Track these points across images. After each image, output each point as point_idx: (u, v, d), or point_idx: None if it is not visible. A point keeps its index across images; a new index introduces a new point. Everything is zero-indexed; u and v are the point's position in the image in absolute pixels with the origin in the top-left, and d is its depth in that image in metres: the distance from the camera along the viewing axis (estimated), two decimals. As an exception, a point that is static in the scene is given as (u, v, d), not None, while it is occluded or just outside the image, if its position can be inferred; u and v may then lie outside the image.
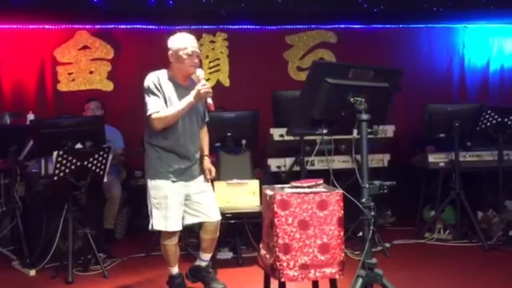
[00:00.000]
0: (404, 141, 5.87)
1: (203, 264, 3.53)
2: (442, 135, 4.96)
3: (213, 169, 3.50)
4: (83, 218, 4.15)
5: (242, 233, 4.58)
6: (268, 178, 4.85)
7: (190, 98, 3.19)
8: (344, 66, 2.62)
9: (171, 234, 3.32)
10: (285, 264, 2.53)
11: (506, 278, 3.78)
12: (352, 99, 2.59)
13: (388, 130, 4.96)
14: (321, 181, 2.75)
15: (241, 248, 4.45)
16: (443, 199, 4.99)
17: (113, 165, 5.09)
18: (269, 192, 2.65)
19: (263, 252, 2.78)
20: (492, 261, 4.27)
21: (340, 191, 2.62)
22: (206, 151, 3.51)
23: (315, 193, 2.58)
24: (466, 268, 4.09)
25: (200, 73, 3.27)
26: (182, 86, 3.32)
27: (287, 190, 2.63)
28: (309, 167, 4.67)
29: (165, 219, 3.26)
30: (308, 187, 2.65)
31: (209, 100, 3.23)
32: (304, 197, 2.56)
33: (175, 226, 3.29)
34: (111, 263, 4.34)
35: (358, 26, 6.44)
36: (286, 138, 4.69)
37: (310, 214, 2.55)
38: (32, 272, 4.11)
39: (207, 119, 3.55)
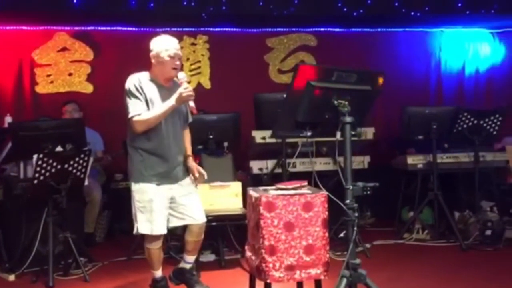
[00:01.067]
0: (384, 143, 5.96)
1: (187, 266, 3.53)
2: (420, 137, 5.06)
3: (200, 168, 3.44)
4: (64, 221, 4.11)
5: (225, 236, 4.59)
6: (250, 180, 4.86)
7: (172, 101, 3.18)
8: (327, 69, 2.66)
9: (155, 237, 3.30)
10: (271, 265, 2.55)
11: (482, 277, 3.87)
12: (336, 102, 2.63)
13: (368, 132, 5.02)
14: (305, 183, 2.79)
15: (224, 251, 4.46)
16: (422, 200, 5.07)
17: (93, 168, 5.05)
18: (254, 194, 2.67)
19: (248, 254, 2.80)
20: (469, 260, 4.37)
21: (325, 192, 2.66)
22: (189, 152, 3.49)
23: (300, 194, 2.61)
24: (444, 267, 4.17)
25: (182, 76, 3.26)
26: (164, 87, 3.31)
27: (272, 192, 2.66)
28: (290, 169, 4.69)
29: (150, 223, 3.24)
30: (293, 189, 2.68)
31: (191, 103, 3.23)
32: (289, 199, 2.58)
33: (160, 229, 3.27)
34: (92, 267, 4.30)
35: (338, 30, 6.52)
36: (268, 140, 4.72)
37: (295, 216, 2.58)
38: (12, 277, 4.04)
39: (190, 120, 3.53)
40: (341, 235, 4.62)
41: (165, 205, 3.30)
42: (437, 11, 5.86)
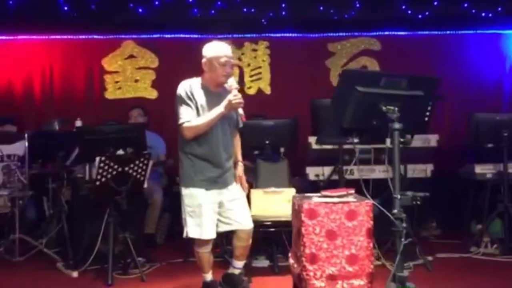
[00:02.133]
0: (450, 151, 5.68)
1: (237, 271, 3.54)
2: (489, 145, 4.79)
3: (243, 179, 3.49)
4: (124, 222, 4.27)
5: (279, 242, 4.56)
6: (307, 187, 4.80)
7: (221, 108, 3.21)
8: (374, 74, 2.60)
9: (205, 241, 3.34)
10: (312, 274, 2.51)
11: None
12: (384, 108, 2.55)
13: (431, 140, 4.82)
14: (352, 191, 2.71)
15: (278, 257, 4.43)
16: (491, 212, 4.80)
17: (155, 171, 5.20)
18: (297, 200, 2.64)
19: (291, 261, 2.77)
20: (542, 278, 4.06)
21: (370, 201, 2.57)
22: (239, 157, 3.52)
23: (344, 203, 2.55)
24: (512, 284, 3.91)
25: (232, 82, 3.28)
26: (215, 93, 3.34)
27: (315, 199, 2.61)
28: (348, 176, 4.59)
29: (200, 227, 3.29)
30: (338, 196, 2.61)
31: (240, 111, 3.24)
32: (332, 207, 2.53)
33: (210, 234, 3.31)
34: (149, 267, 4.42)
35: (403, 33, 6.30)
36: (325, 146, 4.64)
37: (338, 224, 2.52)
38: (75, 274, 4.24)
39: (240, 125, 3.52)
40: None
41: (214, 210, 3.33)
42: (510, 12, 5.52)
